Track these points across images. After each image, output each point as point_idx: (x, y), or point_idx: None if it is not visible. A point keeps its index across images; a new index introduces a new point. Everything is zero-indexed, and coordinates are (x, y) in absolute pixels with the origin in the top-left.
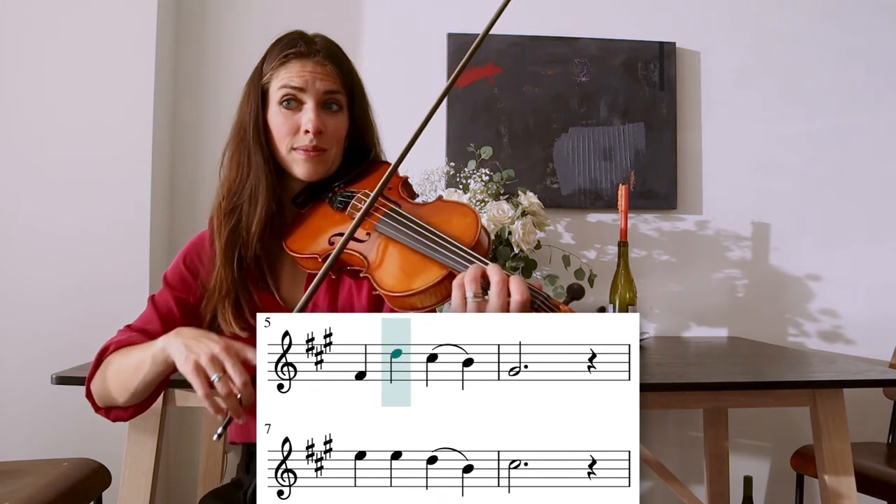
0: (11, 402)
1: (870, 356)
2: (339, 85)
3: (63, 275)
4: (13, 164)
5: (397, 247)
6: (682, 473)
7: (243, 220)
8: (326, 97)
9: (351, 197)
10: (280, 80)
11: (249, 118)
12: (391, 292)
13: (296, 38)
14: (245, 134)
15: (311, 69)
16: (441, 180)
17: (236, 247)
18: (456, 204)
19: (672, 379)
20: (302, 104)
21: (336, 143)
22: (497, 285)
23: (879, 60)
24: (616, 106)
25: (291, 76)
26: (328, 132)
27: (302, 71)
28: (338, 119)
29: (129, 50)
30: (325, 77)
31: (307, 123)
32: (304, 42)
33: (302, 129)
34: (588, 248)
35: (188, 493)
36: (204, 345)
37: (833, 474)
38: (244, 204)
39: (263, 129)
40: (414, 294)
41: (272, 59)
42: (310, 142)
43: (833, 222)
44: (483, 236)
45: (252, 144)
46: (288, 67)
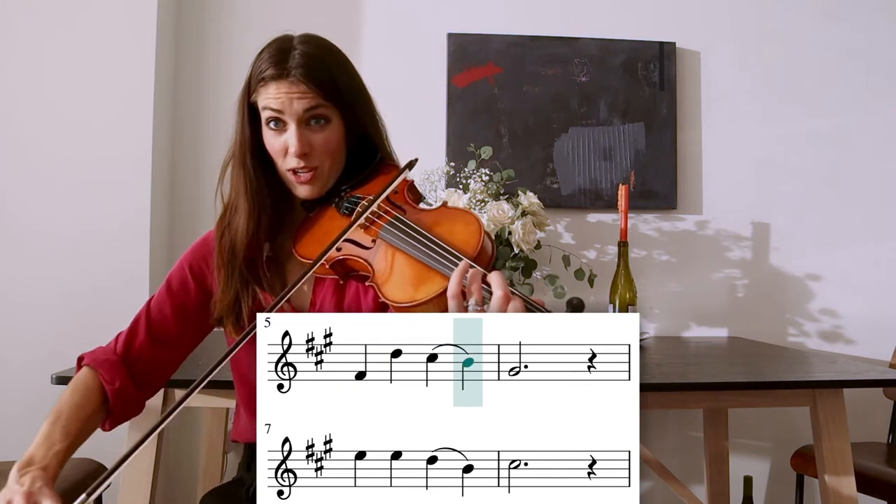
0: (11, 402)
1: (870, 356)
2: (319, 99)
3: (63, 275)
4: (13, 164)
5: (401, 256)
6: (682, 473)
7: (233, 235)
8: (308, 115)
9: (357, 203)
10: (262, 102)
11: (238, 136)
12: (395, 303)
13: (274, 53)
14: (236, 152)
15: (287, 90)
16: (441, 180)
17: (231, 261)
18: (460, 211)
19: (672, 379)
20: (286, 124)
21: (328, 156)
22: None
23: (879, 60)
24: (616, 106)
25: (269, 99)
26: (316, 148)
27: (277, 93)
28: (326, 132)
29: (129, 50)
30: (303, 96)
31: (291, 147)
32: (275, 63)
33: (289, 151)
34: (588, 248)
35: (188, 493)
36: (12, 489)
37: (833, 474)
38: (233, 221)
39: (256, 146)
40: (417, 305)
41: (255, 77)
42: (297, 163)
43: (833, 222)
44: (486, 244)
45: (238, 164)
46: (266, 89)
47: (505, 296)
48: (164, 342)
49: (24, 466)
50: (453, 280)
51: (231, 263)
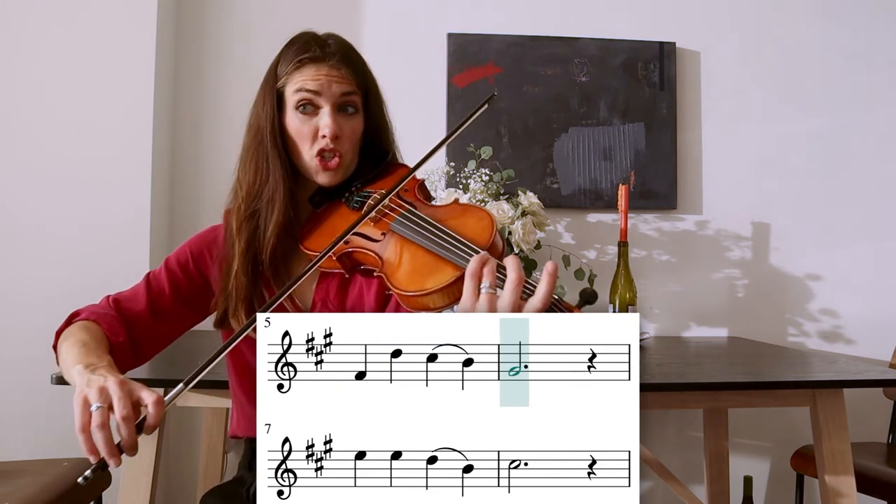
0: (11, 402)
1: (870, 356)
2: (354, 86)
3: (63, 274)
4: (13, 164)
5: (412, 247)
6: (682, 473)
7: (261, 224)
8: (343, 100)
9: (367, 197)
10: (295, 84)
11: (266, 122)
12: (404, 291)
13: (309, 41)
14: (262, 138)
15: (327, 73)
16: (441, 180)
17: (254, 251)
18: (472, 207)
19: (672, 379)
20: (318, 108)
21: (352, 145)
22: (513, 282)
23: (879, 60)
24: (616, 106)
25: (307, 80)
26: (345, 135)
27: (317, 75)
28: (354, 121)
29: (129, 50)
30: (341, 80)
31: (324, 128)
32: (317, 45)
33: (320, 134)
34: (588, 248)
35: (188, 492)
36: (99, 378)
37: (833, 474)
38: (262, 209)
39: (281, 133)
40: (427, 294)
41: (286, 63)
42: (327, 145)
43: (833, 222)
44: (498, 240)
45: (270, 148)
46: (303, 72)
47: (518, 279)
48: (161, 315)
49: (87, 368)
50: (474, 260)
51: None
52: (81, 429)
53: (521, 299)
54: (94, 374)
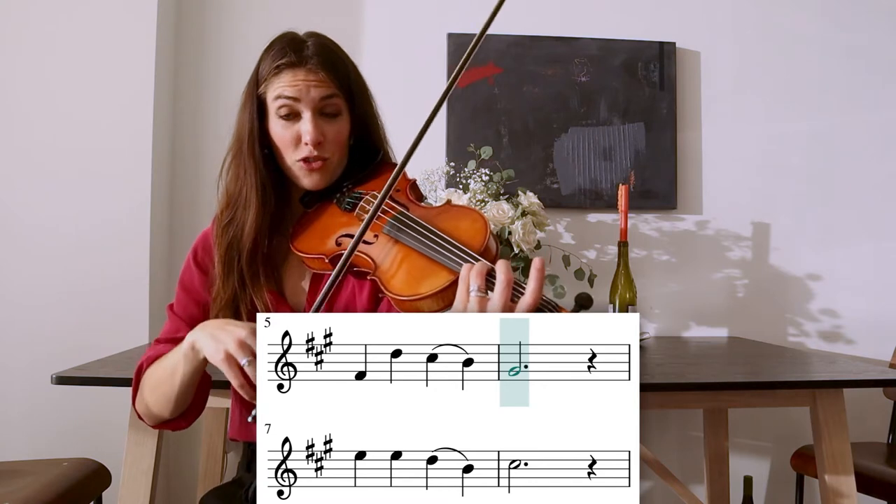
0: (11, 402)
1: (870, 356)
2: (334, 89)
3: (63, 275)
4: (14, 163)
5: (405, 250)
6: (682, 473)
7: (237, 232)
8: (323, 104)
9: (359, 198)
10: (274, 91)
11: (246, 128)
12: (399, 296)
13: (285, 46)
14: (242, 144)
15: (304, 78)
16: (441, 180)
17: (233, 258)
18: (465, 209)
19: (672, 379)
20: (299, 114)
21: (338, 148)
22: (502, 283)
23: (879, 60)
24: (616, 106)
25: (284, 87)
26: (328, 140)
27: (294, 80)
28: (337, 124)
29: (129, 49)
30: (319, 84)
31: (306, 135)
32: (293, 50)
33: (302, 141)
34: (588, 248)
35: (188, 493)
36: (230, 332)
37: (833, 474)
38: (238, 216)
39: (263, 139)
40: (421, 298)
41: (265, 69)
42: (310, 152)
43: (833, 222)
44: (492, 242)
45: (247, 157)
46: (281, 77)
47: (507, 280)
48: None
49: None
50: (465, 267)
51: (232, 261)
52: (240, 385)
53: (511, 301)
54: (217, 330)
